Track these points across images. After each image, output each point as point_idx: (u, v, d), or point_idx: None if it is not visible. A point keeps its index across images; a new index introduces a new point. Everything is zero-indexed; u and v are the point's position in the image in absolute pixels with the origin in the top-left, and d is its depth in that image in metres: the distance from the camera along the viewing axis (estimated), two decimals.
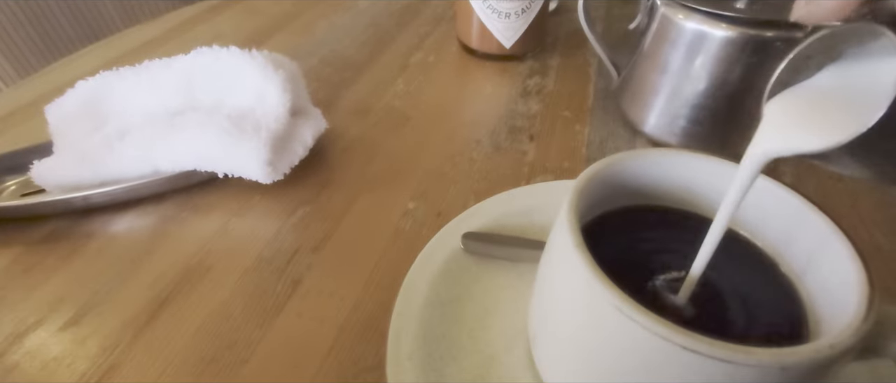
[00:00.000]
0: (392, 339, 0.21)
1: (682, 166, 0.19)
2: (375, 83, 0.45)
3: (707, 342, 0.12)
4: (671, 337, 0.13)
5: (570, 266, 0.15)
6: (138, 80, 0.31)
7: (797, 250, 0.17)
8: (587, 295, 0.14)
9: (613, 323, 0.14)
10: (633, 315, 0.13)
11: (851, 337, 0.12)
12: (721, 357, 0.12)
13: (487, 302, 0.24)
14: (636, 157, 0.19)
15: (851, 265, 0.14)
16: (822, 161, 0.34)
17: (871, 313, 0.13)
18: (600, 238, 0.18)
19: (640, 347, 0.13)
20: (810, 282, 0.17)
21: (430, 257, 0.25)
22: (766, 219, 0.18)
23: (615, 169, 0.18)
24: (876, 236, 0.30)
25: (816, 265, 0.16)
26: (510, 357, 0.22)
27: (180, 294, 0.26)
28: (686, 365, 0.13)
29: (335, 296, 0.26)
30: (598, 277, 0.14)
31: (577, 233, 0.15)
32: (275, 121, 0.30)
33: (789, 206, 0.17)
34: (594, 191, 0.18)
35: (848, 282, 0.14)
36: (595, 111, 0.41)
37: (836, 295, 0.15)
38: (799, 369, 0.12)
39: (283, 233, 0.30)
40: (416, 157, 0.36)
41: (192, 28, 0.56)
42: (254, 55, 0.31)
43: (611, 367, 0.15)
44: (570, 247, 0.15)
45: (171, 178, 0.30)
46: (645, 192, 0.20)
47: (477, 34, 0.46)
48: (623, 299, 0.13)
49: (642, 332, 0.13)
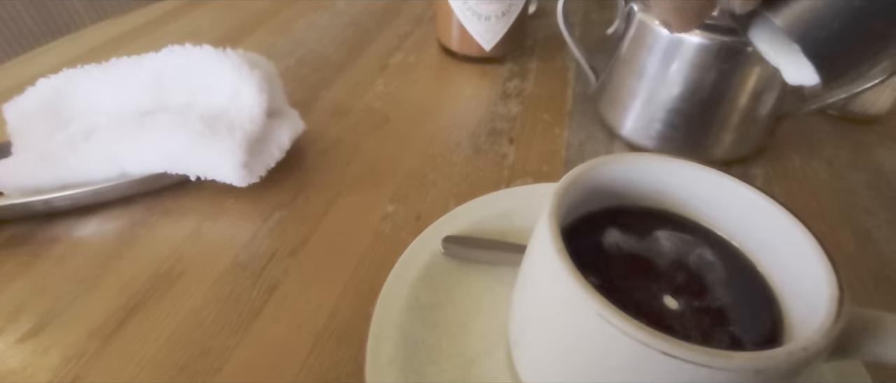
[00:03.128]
0: (371, 344, 0.21)
1: (659, 170, 0.19)
2: (354, 84, 0.44)
3: (686, 347, 0.12)
4: (651, 342, 0.13)
5: (551, 271, 0.15)
6: (105, 78, 0.30)
7: (772, 252, 0.17)
8: (568, 300, 0.14)
9: (594, 328, 0.14)
10: (613, 320, 0.13)
11: (823, 340, 0.13)
12: (700, 361, 0.12)
13: (468, 306, 0.24)
14: (615, 162, 0.19)
15: (821, 268, 0.15)
16: None
17: (841, 316, 0.13)
18: (581, 240, 0.18)
19: (621, 352, 0.13)
20: (786, 284, 0.17)
21: (410, 261, 0.24)
22: (741, 221, 0.18)
23: (594, 173, 0.19)
24: (841, 238, 0.31)
25: (790, 267, 0.17)
26: (490, 360, 0.21)
27: (150, 301, 0.25)
28: (666, 369, 0.13)
29: (313, 302, 0.25)
30: (579, 283, 0.14)
31: (559, 239, 0.15)
32: (250, 122, 0.30)
33: (763, 210, 0.17)
34: (574, 195, 0.18)
35: (819, 285, 0.15)
36: (574, 114, 0.41)
37: (809, 296, 0.15)
38: (774, 372, 0.12)
39: (258, 238, 0.29)
40: (395, 160, 0.35)
41: (164, 25, 0.54)
42: (228, 54, 0.30)
43: (591, 371, 0.15)
44: (551, 253, 0.15)
45: (140, 181, 0.29)
46: (623, 195, 0.20)
47: (457, 36, 0.46)
48: (604, 304, 0.13)
49: (623, 338, 0.13)
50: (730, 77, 0.32)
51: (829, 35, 0.13)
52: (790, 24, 0.13)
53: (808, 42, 0.13)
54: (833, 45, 0.13)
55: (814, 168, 0.36)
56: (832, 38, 0.13)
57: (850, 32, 0.13)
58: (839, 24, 0.13)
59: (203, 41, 0.34)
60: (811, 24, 0.13)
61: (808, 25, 0.13)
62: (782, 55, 0.16)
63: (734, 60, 0.32)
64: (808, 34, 0.13)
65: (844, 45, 0.13)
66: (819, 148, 0.38)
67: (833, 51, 0.13)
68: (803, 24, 0.13)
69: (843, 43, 0.13)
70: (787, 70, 0.17)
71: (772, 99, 0.34)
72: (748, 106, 0.34)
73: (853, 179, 0.35)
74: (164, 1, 0.58)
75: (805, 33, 0.13)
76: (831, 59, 0.14)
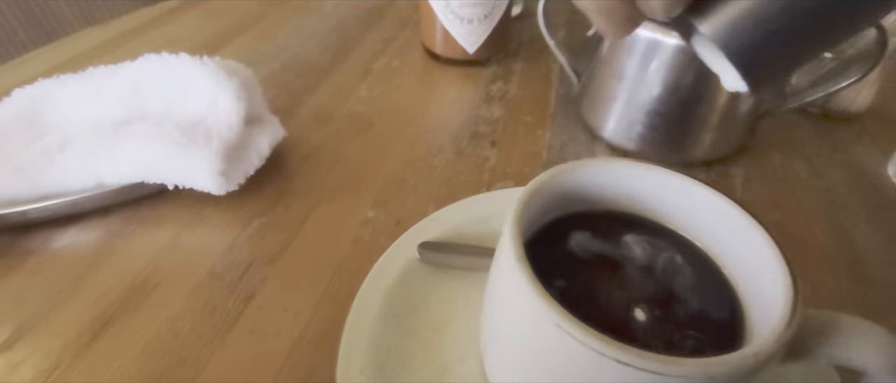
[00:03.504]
0: (343, 353, 0.21)
1: (626, 174, 0.19)
2: (338, 89, 0.44)
3: (638, 354, 0.12)
4: (605, 350, 0.13)
5: (512, 279, 0.15)
6: (81, 89, 0.30)
7: (736, 255, 0.18)
8: (527, 309, 0.14)
9: (552, 337, 0.14)
10: (570, 329, 0.13)
11: (774, 345, 0.13)
12: (652, 369, 0.12)
13: (443, 313, 0.24)
14: (582, 167, 0.19)
15: (779, 272, 0.15)
16: None
17: (793, 320, 0.13)
18: (549, 245, 0.18)
19: (578, 360, 0.13)
20: (749, 287, 0.17)
21: (386, 268, 0.24)
22: (707, 224, 0.18)
23: (561, 179, 0.19)
24: (818, 236, 0.31)
25: (752, 270, 0.17)
26: (463, 367, 0.22)
27: (126, 312, 0.25)
28: (621, 376, 0.13)
29: (290, 311, 0.25)
30: (537, 292, 0.14)
31: (519, 247, 0.15)
32: (227, 129, 0.30)
33: (725, 214, 0.17)
34: (541, 202, 0.18)
35: (776, 289, 0.15)
36: (556, 116, 0.41)
37: (769, 300, 0.15)
38: (725, 377, 0.12)
39: (237, 246, 0.29)
40: (377, 165, 0.35)
41: (148, 31, 0.54)
42: (205, 62, 0.30)
43: (552, 378, 0.15)
44: (512, 261, 0.15)
45: (118, 191, 0.29)
46: (592, 200, 0.20)
47: (440, 39, 0.46)
48: (561, 314, 0.13)
49: (579, 346, 0.13)
50: (708, 77, 0.32)
51: (752, 41, 0.13)
52: (715, 31, 0.13)
53: (732, 49, 0.13)
54: (757, 51, 0.13)
55: (794, 166, 0.36)
56: (756, 44, 0.13)
57: (774, 38, 0.13)
58: (762, 31, 0.13)
59: (187, 47, 0.34)
60: (734, 31, 0.13)
61: (732, 32, 0.13)
62: (718, 61, 0.16)
63: None
64: (731, 41, 0.13)
65: (769, 50, 0.13)
66: (799, 146, 0.38)
67: (757, 57, 0.13)
68: (727, 31, 0.13)
69: (768, 49, 0.13)
70: (724, 76, 0.17)
71: (750, 98, 0.34)
72: (727, 105, 0.34)
73: (832, 177, 0.35)
74: (148, 7, 0.58)
75: (729, 40, 0.13)
76: (756, 66, 0.13)
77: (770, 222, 0.31)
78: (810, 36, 0.13)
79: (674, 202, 0.19)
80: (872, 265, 0.29)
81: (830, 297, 0.27)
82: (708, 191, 0.18)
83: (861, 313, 0.27)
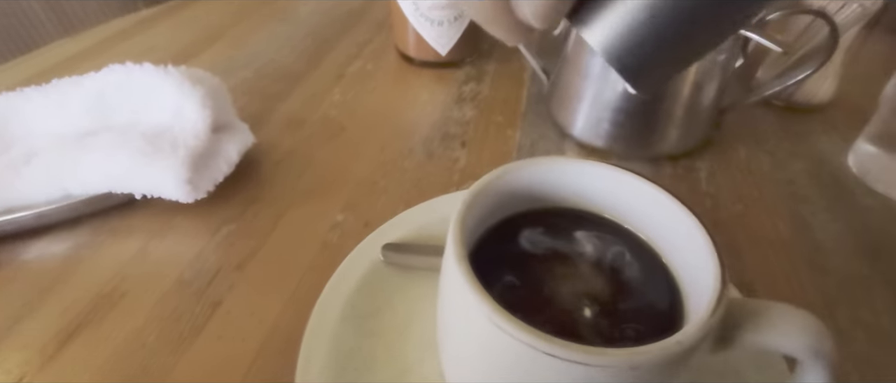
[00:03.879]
0: (303, 357, 0.21)
1: (572, 172, 0.20)
2: (311, 94, 0.44)
3: (564, 346, 0.13)
4: (535, 343, 0.13)
5: (453, 278, 0.15)
6: (46, 101, 0.30)
7: (675, 246, 0.18)
8: (465, 305, 0.15)
9: (487, 332, 0.14)
10: (500, 323, 0.13)
11: (697, 333, 0.13)
12: (578, 360, 0.13)
13: (406, 314, 0.24)
14: (528, 166, 0.19)
15: (709, 260, 0.15)
16: None
17: (718, 308, 0.14)
18: (498, 244, 0.19)
19: (511, 354, 0.14)
20: (689, 277, 0.18)
21: (349, 271, 0.25)
22: (649, 217, 0.19)
23: (508, 179, 0.19)
24: (779, 227, 0.31)
25: (691, 261, 0.17)
26: (423, 367, 0.22)
27: (92, 322, 0.25)
28: (551, 369, 0.13)
29: (256, 316, 0.26)
30: (472, 288, 0.14)
31: (460, 246, 0.16)
32: (194, 137, 0.30)
33: (663, 206, 0.18)
34: (489, 201, 0.19)
35: (707, 278, 0.15)
36: (527, 115, 0.42)
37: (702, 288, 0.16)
38: (649, 367, 0.13)
39: (205, 254, 0.29)
40: (348, 169, 0.36)
41: (122, 41, 0.54)
42: (169, 71, 0.31)
43: (493, 373, 0.15)
44: (452, 261, 0.15)
45: (85, 202, 0.29)
46: (542, 197, 0.20)
47: (413, 42, 0.47)
48: (494, 309, 0.14)
49: (511, 340, 0.13)
50: None
51: (632, 47, 0.13)
52: (598, 40, 0.14)
53: (613, 55, 0.13)
54: (637, 56, 0.13)
55: (757, 158, 0.37)
56: (635, 49, 0.13)
57: (653, 42, 0.13)
58: (642, 37, 0.13)
59: (162, 56, 0.34)
60: (616, 39, 0.13)
61: (613, 40, 0.13)
62: None
63: None
64: (613, 48, 0.13)
65: (652, 56, 0.13)
66: (763, 139, 0.39)
67: (640, 63, 0.13)
68: (608, 39, 0.13)
69: (650, 55, 0.13)
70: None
71: (712, 92, 0.35)
72: (689, 100, 0.35)
73: (793, 168, 0.36)
74: (121, 18, 0.58)
75: (610, 47, 0.13)
76: (637, 70, 0.14)
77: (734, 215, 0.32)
78: (688, 39, 0.13)
79: (618, 196, 0.19)
80: (830, 254, 0.30)
81: (789, 287, 0.28)
82: (647, 184, 0.18)
83: (819, 301, 0.28)
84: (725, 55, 0.33)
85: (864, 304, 0.27)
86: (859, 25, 0.36)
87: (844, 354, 0.24)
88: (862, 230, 0.31)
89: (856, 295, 0.27)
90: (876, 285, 0.28)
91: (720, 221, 0.32)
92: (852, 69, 0.40)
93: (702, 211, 0.33)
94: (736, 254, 0.30)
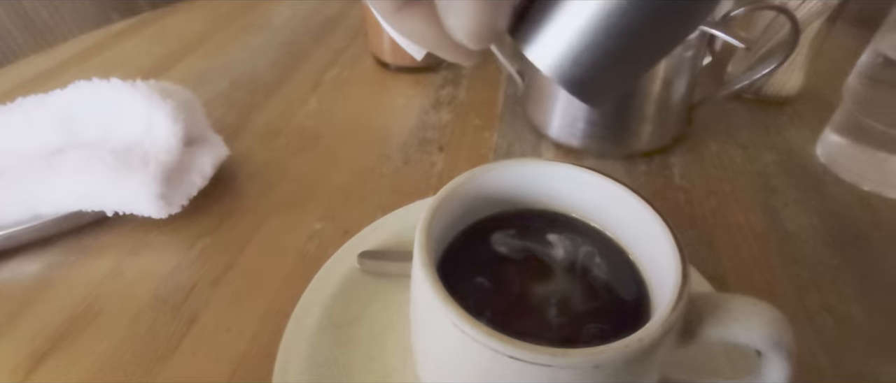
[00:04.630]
0: (278, 369, 0.21)
1: (539, 174, 0.20)
2: (287, 103, 0.44)
3: (527, 348, 0.13)
4: (498, 347, 0.13)
5: (419, 284, 0.15)
6: (9, 120, 0.30)
7: (641, 244, 0.18)
8: (432, 311, 0.15)
9: (453, 336, 0.14)
10: (464, 327, 0.14)
11: (659, 330, 0.14)
12: (541, 361, 0.13)
13: (384, 321, 0.24)
14: (495, 170, 0.19)
15: (671, 257, 0.16)
16: None
17: (678, 304, 0.14)
18: (468, 249, 0.19)
19: (478, 358, 0.14)
20: (653, 273, 0.18)
21: (325, 280, 0.25)
22: (615, 215, 0.19)
23: (477, 183, 0.19)
24: (751, 219, 0.32)
25: (654, 257, 0.18)
26: (405, 372, 0.22)
27: (64, 344, 0.25)
28: (517, 371, 0.13)
29: (233, 331, 0.25)
30: (437, 293, 0.14)
31: (425, 252, 0.16)
32: (165, 152, 0.29)
33: (627, 204, 0.18)
34: (457, 205, 0.19)
35: (670, 274, 0.15)
36: (504, 117, 0.42)
37: (666, 285, 0.16)
38: (612, 365, 0.13)
39: (180, 269, 0.29)
40: (324, 177, 0.35)
41: (94, 56, 0.53)
42: (137, 86, 0.30)
43: (462, 376, 0.15)
44: (418, 266, 0.15)
45: (55, 221, 0.29)
46: (511, 200, 0.20)
47: (389, 48, 0.47)
48: (458, 313, 0.14)
49: (474, 344, 0.14)
50: None
51: (578, 64, 0.13)
52: (541, 59, 0.13)
53: (557, 73, 0.13)
54: (585, 73, 0.13)
55: (729, 152, 0.38)
56: (582, 66, 0.13)
57: (602, 59, 0.13)
58: (586, 54, 0.13)
59: (135, 70, 0.33)
60: (560, 57, 0.13)
61: (557, 58, 0.13)
62: None
63: None
64: (558, 67, 0.13)
65: (598, 72, 0.13)
66: (735, 132, 0.40)
67: (588, 79, 0.13)
68: (552, 57, 0.13)
69: (596, 70, 0.13)
70: None
71: (681, 88, 0.36)
72: (660, 97, 0.35)
73: (764, 160, 0.37)
74: (93, 32, 0.57)
75: (555, 66, 0.13)
76: (589, 88, 0.14)
77: (707, 209, 0.33)
78: (632, 53, 0.13)
79: (586, 196, 0.20)
80: (800, 243, 0.31)
81: (761, 277, 0.29)
82: (612, 183, 0.18)
83: (790, 290, 0.28)
84: (693, 52, 0.34)
85: (833, 291, 0.28)
86: (821, 19, 0.37)
87: (815, 340, 0.25)
88: (831, 218, 0.32)
89: (825, 282, 0.28)
90: (845, 272, 0.29)
91: (694, 216, 0.32)
92: (817, 62, 0.41)
93: (675, 206, 0.34)
94: (710, 247, 0.30)
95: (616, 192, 0.19)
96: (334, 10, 0.61)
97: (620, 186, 0.18)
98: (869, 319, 0.26)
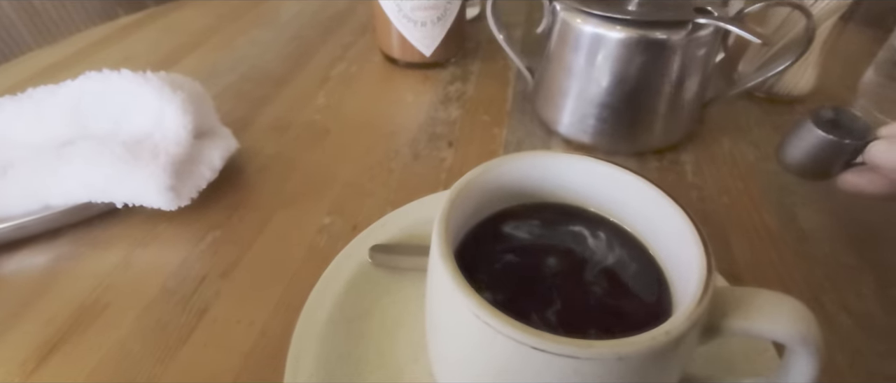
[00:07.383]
0: (290, 363, 0.21)
1: (555, 166, 0.20)
2: (296, 98, 0.44)
3: (551, 339, 0.13)
4: (522, 338, 0.13)
5: (438, 275, 0.15)
6: (20, 111, 0.29)
7: (661, 237, 0.18)
8: (451, 302, 0.15)
9: (474, 328, 0.14)
10: (486, 318, 0.13)
11: (685, 323, 0.13)
12: (565, 353, 0.13)
13: (396, 315, 0.24)
14: (510, 162, 0.19)
15: (695, 250, 0.15)
16: None
17: (704, 297, 0.14)
18: (485, 243, 0.19)
19: (500, 350, 0.14)
20: (674, 267, 0.18)
21: (336, 274, 0.24)
22: (635, 209, 0.19)
23: (492, 175, 0.19)
24: (765, 217, 0.32)
25: (677, 252, 0.17)
26: (416, 367, 0.22)
27: (74, 335, 0.25)
28: (540, 363, 0.13)
29: (243, 323, 0.25)
30: (458, 285, 0.14)
31: (444, 244, 0.16)
32: (175, 144, 0.29)
33: (649, 197, 0.18)
34: (474, 198, 0.19)
35: (693, 267, 0.15)
36: (513, 114, 0.42)
37: (689, 279, 0.16)
38: (637, 358, 0.13)
39: (190, 261, 0.28)
40: (333, 172, 0.35)
41: (102, 50, 0.53)
42: (148, 77, 0.30)
43: (481, 370, 0.15)
44: (437, 257, 0.15)
45: (65, 213, 0.29)
46: (527, 193, 0.20)
47: (397, 44, 0.47)
48: (480, 304, 0.14)
49: (497, 335, 0.13)
50: (650, 68, 0.33)
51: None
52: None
53: None
54: None
55: (741, 150, 0.37)
56: None
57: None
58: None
59: (143, 64, 0.33)
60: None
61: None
62: None
63: (652, 52, 0.33)
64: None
65: None
66: (747, 130, 0.39)
67: None
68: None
69: None
70: None
71: (694, 86, 0.35)
72: (672, 94, 0.35)
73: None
74: (101, 26, 0.57)
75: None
76: None
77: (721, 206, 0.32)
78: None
79: (602, 189, 0.19)
80: (816, 242, 0.30)
81: (776, 275, 0.28)
82: (630, 175, 0.18)
83: (806, 289, 0.28)
84: (706, 50, 0.34)
85: (850, 290, 0.27)
86: (835, 17, 0.37)
87: (832, 340, 0.25)
88: (846, 217, 0.32)
89: (842, 281, 0.28)
90: (861, 271, 0.28)
91: (707, 213, 0.32)
92: (830, 60, 0.41)
93: (688, 203, 0.33)
94: (723, 244, 0.30)
95: (635, 184, 0.18)
96: (342, 5, 0.61)
97: (639, 178, 0.18)
98: (888, 318, 0.26)
